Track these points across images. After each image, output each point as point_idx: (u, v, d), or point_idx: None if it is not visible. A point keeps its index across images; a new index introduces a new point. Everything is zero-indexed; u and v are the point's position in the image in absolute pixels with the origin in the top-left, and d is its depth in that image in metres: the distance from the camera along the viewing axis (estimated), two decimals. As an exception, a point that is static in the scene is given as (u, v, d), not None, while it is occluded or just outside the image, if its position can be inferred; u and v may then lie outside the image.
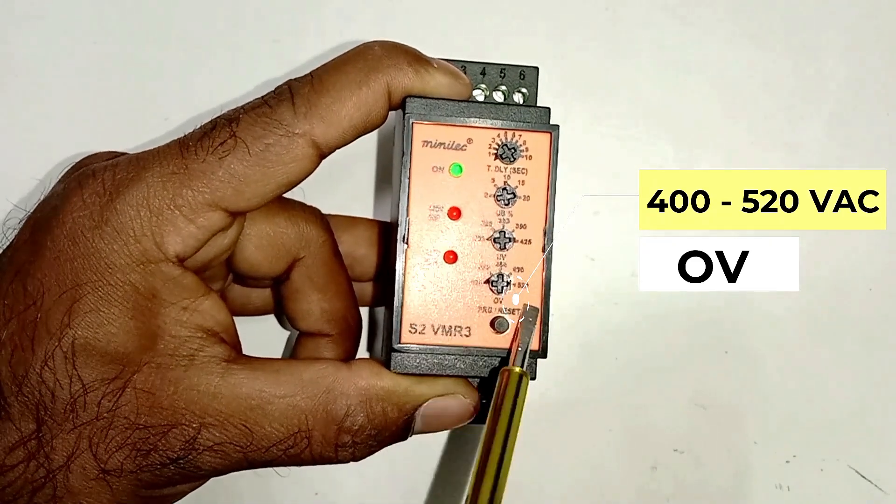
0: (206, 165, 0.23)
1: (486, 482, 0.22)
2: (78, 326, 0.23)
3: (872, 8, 0.36)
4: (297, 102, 0.24)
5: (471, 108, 0.25)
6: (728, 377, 0.35)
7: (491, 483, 0.22)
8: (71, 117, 0.34)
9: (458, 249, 0.26)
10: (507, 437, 0.23)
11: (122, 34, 0.34)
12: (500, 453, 0.23)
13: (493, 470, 0.22)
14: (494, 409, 0.24)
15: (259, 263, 0.27)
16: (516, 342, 0.25)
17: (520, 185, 0.26)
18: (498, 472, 0.22)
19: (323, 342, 0.29)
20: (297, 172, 0.24)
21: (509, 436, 0.23)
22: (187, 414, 0.23)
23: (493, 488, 0.22)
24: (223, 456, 0.24)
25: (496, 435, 0.23)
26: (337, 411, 0.24)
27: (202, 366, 0.24)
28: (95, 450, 0.23)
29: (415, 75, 0.25)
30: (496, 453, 0.23)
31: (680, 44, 0.35)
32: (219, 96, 0.33)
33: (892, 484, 0.35)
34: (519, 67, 0.27)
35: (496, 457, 0.23)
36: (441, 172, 0.25)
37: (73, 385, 0.23)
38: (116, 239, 0.23)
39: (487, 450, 0.23)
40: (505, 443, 0.23)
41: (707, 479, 0.35)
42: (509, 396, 0.24)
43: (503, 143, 0.25)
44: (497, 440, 0.23)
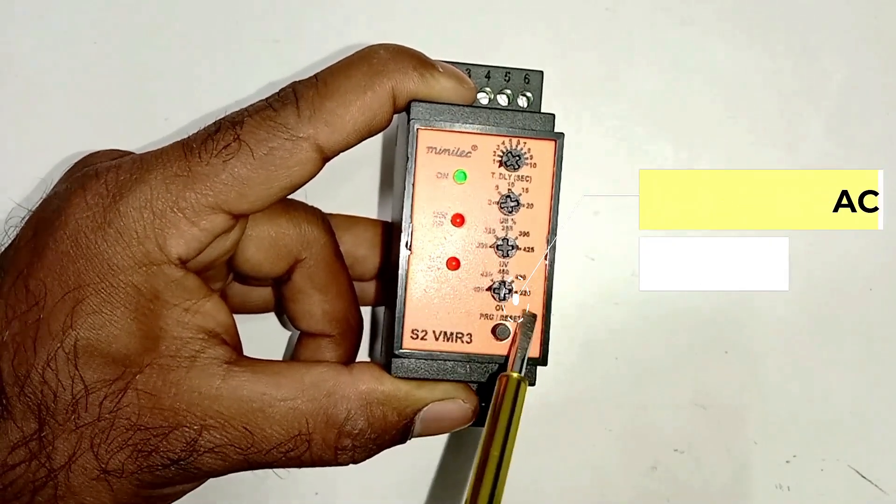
0: (209, 168, 0.23)
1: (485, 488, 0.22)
2: (80, 328, 0.23)
3: (872, 8, 0.36)
4: (301, 106, 0.24)
5: (476, 113, 0.25)
6: (728, 377, 0.35)
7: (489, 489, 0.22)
8: (71, 119, 0.34)
9: (460, 256, 0.25)
10: (506, 442, 0.23)
11: (123, 34, 0.34)
12: (499, 459, 0.23)
13: (492, 476, 0.22)
14: (493, 415, 0.24)
15: (260, 264, 0.27)
16: (514, 348, 0.25)
17: (524, 193, 0.26)
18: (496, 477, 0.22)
19: (324, 342, 0.29)
20: (301, 176, 0.24)
21: (507, 442, 0.23)
22: (188, 416, 0.23)
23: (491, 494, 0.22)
24: (224, 457, 0.24)
25: (494, 441, 0.23)
26: (337, 415, 0.24)
27: (204, 367, 0.24)
28: (97, 450, 0.23)
29: (420, 80, 0.24)
30: (494, 459, 0.23)
31: (680, 44, 0.35)
32: (219, 97, 0.33)
33: (892, 484, 0.35)
34: (524, 71, 0.27)
35: (494, 462, 0.23)
36: (445, 179, 0.25)
37: (75, 386, 0.23)
38: (119, 241, 0.23)
39: (486, 456, 0.23)
40: (503, 449, 0.23)
41: (707, 479, 0.35)
42: (507, 402, 0.24)
43: (508, 151, 0.25)
44: (495, 446, 0.23)
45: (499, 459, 0.23)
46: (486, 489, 0.22)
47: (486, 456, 0.23)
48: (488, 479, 0.22)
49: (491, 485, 0.22)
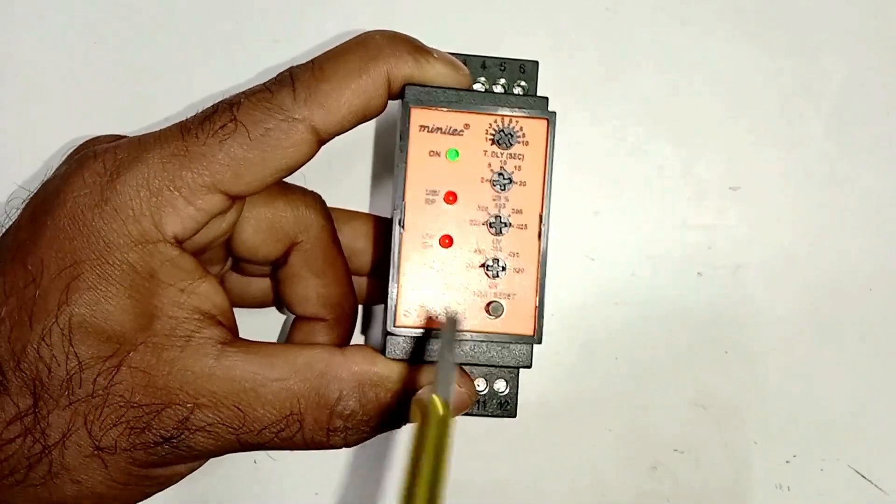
0: (206, 148, 0.24)
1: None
2: (75, 304, 0.23)
3: (872, 8, 0.36)
4: (297, 88, 0.24)
5: (470, 95, 0.26)
6: (728, 377, 0.35)
7: None
8: (71, 119, 0.34)
9: (453, 234, 0.26)
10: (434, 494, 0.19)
11: (123, 34, 0.34)
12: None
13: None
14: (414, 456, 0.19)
15: (257, 247, 0.27)
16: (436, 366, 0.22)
17: (516, 171, 0.26)
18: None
19: (318, 326, 0.29)
20: (296, 158, 0.24)
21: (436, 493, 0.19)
22: (181, 394, 0.23)
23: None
24: (216, 437, 0.24)
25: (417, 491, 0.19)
26: (329, 395, 0.24)
27: (198, 347, 0.24)
28: (90, 427, 0.23)
29: (415, 64, 0.25)
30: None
31: (680, 44, 0.35)
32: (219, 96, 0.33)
33: (892, 484, 0.35)
34: (519, 61, 0.27)
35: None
36: (438, 157, 0.26)
37: (70, 362, 0.23)
38: (115, 218, 0.23)
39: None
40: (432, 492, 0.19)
41: (707, 479, 0.35)
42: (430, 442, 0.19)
43: (500, 129, 0.26)
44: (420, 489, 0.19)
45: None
46: None
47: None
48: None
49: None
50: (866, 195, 0.35)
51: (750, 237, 0.35)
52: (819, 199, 0.35)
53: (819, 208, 0.35)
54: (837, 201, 0.35)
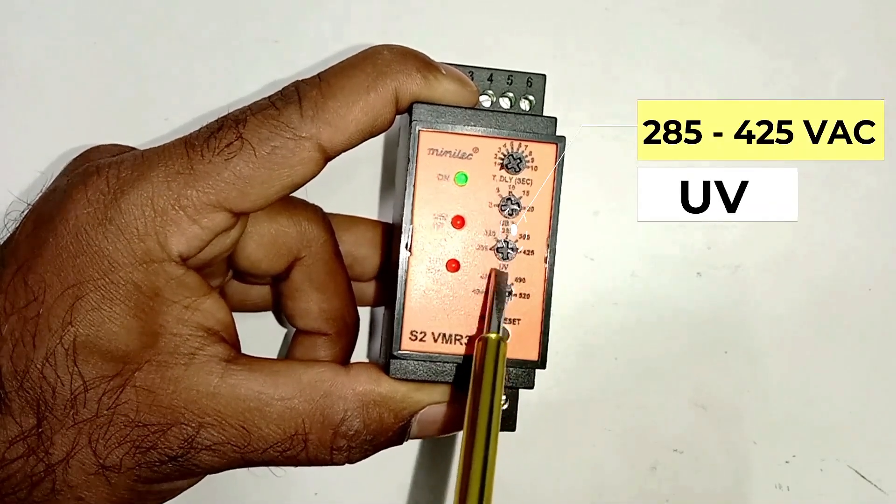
0: (211, 166, 0.23)
1: (477, 454, 0.21)
2: (80, 324, 0.23)
3: (872, 8, 0.36)
4: (304, 105, 0.24)
5: (478, 116, 0.25)
6: (728, 377, 0.35)
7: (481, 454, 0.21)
8: (71, 120, 0.34)
9: (460, 258, 0.26)
10: (492, 407, 0.22)
11: (123, 34, 0.34)
12: (487, 424, 0.22)
13: (482, 443, 0.21)
14: (475, 381, 0.23)
15: (259, 261, 0.27)
16: (489, 308, 0.25)
17: (524, 196, 0.26)
18: (487, 443, 0.21)
19: (320, 341, 0.29)
20: (303, 175, 0.24)
21: (493, 407, 0.22)
22: (186, 413, 0.23)
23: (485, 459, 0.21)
24: (221, 455, 0.24)
25: (480, 407, 0.22)
26: (334, 415, 0.24)
27: (202, 365, 0.24)
28: (95, 446, 0.23)
29: (423, 81, 0.24)
30: (483, 423, 0.22)
31: (680, 44, 0.35)
32: (219, 97, 0.33)
33: (892, 484, 0.35)
34: (526, 74, 0.27)
35: (483, 426, 0.22)
36: (446, 181, 0.25)
37: (74, 382, 0.23)
38: (120, 237, 0.23)
39: (473, 423, 0.22)
40: (490, 413, 0.22)
41: (707, 479, 0.35)
42: (489, 365, 0.23)
43: (509, 154, 0.25)
44: (482, 413, 0.22)
45: (487, 423, 0.22)
46: (478, 454, 0.21)
47: (473, 423, 0.22)
48: (479, 445, 0.21)
49: (483, 452, 0.21)
50: (866, 195, 0.35)
51: (750, 237, 0.35)
52: (819, 199, 0.35)
53: (819, 208, 0.35)
54: (837, 201, 0.35)
